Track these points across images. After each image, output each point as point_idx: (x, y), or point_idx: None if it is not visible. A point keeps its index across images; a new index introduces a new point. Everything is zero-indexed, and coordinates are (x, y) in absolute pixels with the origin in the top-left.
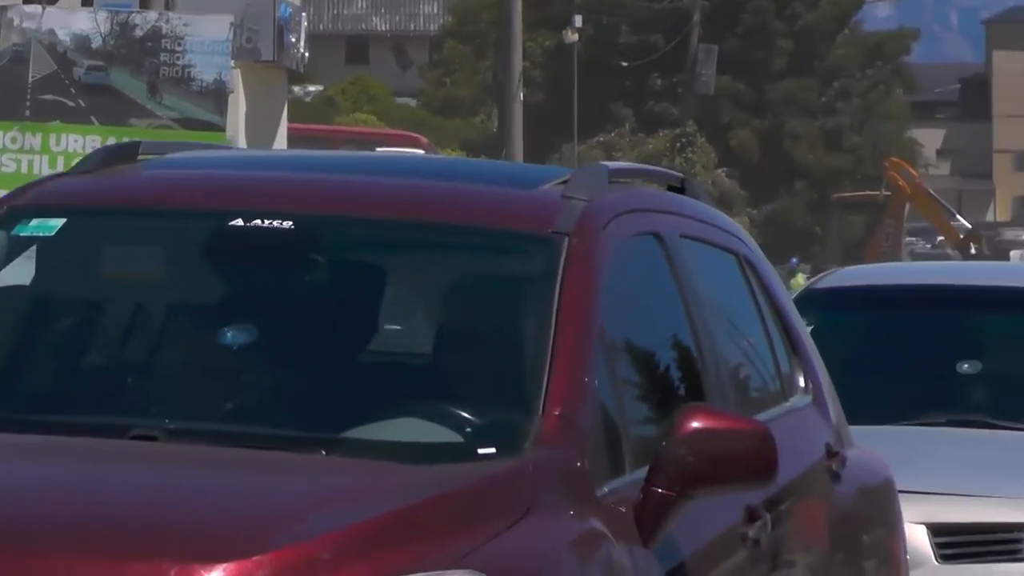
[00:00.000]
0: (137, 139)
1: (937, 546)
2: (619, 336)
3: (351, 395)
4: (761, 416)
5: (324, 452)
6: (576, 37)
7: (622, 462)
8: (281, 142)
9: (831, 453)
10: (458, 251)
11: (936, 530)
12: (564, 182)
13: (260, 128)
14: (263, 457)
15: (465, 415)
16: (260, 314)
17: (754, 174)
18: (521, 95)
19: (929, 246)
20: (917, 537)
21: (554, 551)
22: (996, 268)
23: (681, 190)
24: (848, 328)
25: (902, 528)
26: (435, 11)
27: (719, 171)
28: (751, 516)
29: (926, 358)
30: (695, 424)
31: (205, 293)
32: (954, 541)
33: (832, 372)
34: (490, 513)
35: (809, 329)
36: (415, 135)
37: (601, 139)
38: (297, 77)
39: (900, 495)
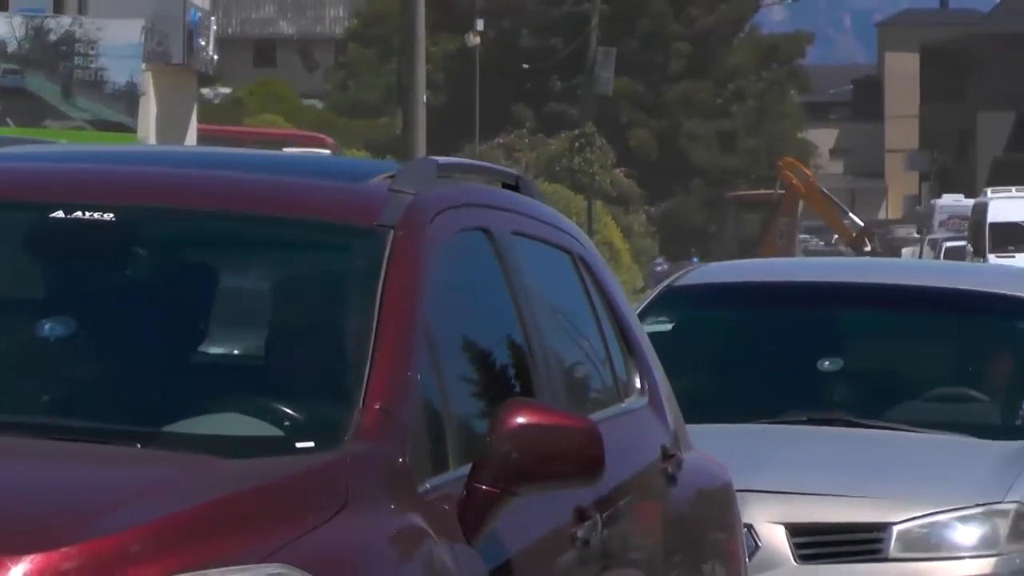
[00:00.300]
0: None
1: (796, 546)
2: (445, 331)
3: (171, 389)
4: (594, 416)
5: (140, 445)
6: (478, 41)
7: (446, 458)
8: (191, 142)
9: (667, 455)
10: (282, 244)
11: (795, 530)
12: (392, 176)
13: (171, 129)
14: (76, 449)
15: (286, 409)
16: (81, 307)
17: (652, 173)
18: (424, 97)
19: (823, 243)
20: (776, 537)
21: (371, 546)
22: (857, 264)
23: (516, 188)
24: (709, 325)
25: (741, 531)
26: (341, 15)
27: (618, 170)
28: (581, 516)
29: (787, 355)
30: (520, 419)
31: (26, 285)
32: (813, 541)
33: (693, 369)
34: (306, 507)
35: (670, 326)
36: (321, 136)
37: (502, 140)
38: (206, 79)
39: (758, 495)
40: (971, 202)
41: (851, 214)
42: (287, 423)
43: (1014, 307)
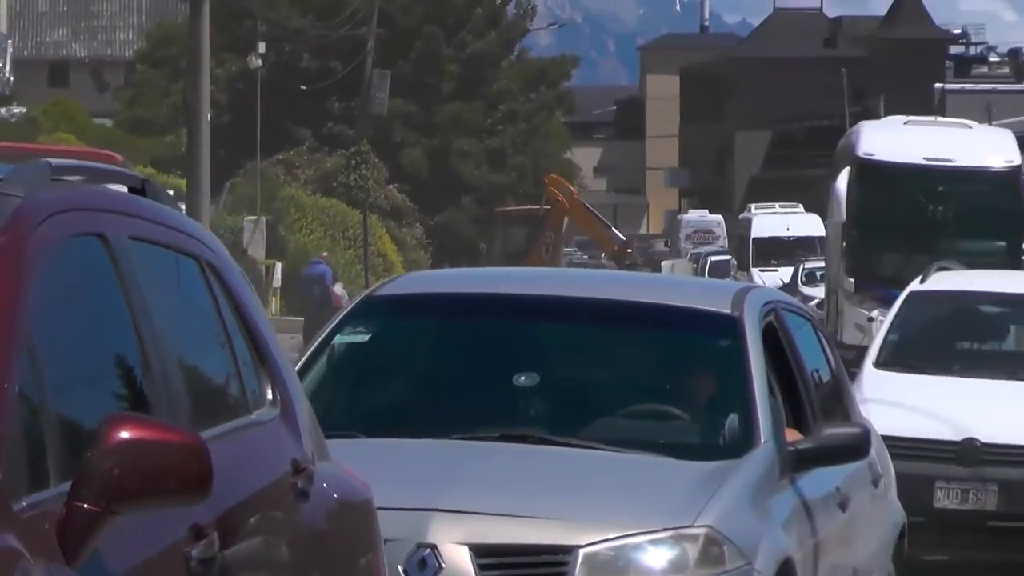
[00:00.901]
0: None
1: (480, 568)
2: (50, 342)
3: None
4: (215, 429)
5: None
6: (260, 63)
7: (46, 474)
8: None
9: (298, 469)
10: None
11: (479, 551)
12: (1, 180)
13: None
14: None
15: None
16: None
17: (424, 189)
18: (208, 116)
19: (587, 256)
20: (460, 558)
21: None
22: (561, 276)
23: (142, 191)
24: (406, 336)
25: (381, 548)
26: (131, 38)
27: (391, 186)
28: (197, 534)
29: (483, 369)
30: (122, 434)
31: None
32: (498, 563)
33: (388, 382)
34: None
35: (367, 337)
36: (111, 153)
37: (281, 157)
38: (3, 99)
39: (443, 514)
40: (714, 217)
41: (613, 228)
42: None
43: (715, 324)
